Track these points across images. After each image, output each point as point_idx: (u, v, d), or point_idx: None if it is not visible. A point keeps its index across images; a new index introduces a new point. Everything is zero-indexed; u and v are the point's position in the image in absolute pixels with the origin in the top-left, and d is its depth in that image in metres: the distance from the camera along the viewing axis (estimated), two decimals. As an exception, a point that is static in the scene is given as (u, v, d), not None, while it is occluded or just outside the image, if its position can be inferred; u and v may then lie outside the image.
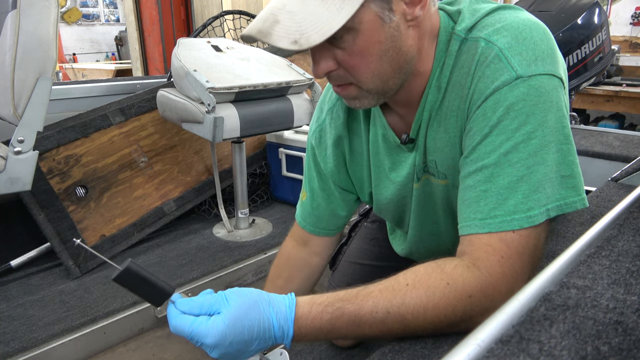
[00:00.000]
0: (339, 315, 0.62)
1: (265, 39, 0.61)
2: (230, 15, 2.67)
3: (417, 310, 0.60)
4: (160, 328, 1.64)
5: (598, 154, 1.69)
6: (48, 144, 1.82)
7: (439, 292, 0.60)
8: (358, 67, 0.67)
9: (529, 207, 0.62)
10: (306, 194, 1.00)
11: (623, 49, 4.13)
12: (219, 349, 0.59)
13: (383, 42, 0.66)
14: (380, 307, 0.61)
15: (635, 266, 0.58)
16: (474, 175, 0.66)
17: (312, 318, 0.62)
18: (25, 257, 1.83)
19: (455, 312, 0.60)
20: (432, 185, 0.81)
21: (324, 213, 0.98)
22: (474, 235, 0.64)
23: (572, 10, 1.96)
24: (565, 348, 0.41)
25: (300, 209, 1.01)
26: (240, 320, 0.60)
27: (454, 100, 0.72)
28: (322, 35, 0.60)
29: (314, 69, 0.69)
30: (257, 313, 0.61)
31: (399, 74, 0.70)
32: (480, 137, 0.66)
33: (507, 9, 0.72)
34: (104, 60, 7.42)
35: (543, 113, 0.63)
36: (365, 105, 0.74)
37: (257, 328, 0.60)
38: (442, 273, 0.62)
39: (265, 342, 0.62)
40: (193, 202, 2.23)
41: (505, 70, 0.64)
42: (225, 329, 0.59)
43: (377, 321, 0.61)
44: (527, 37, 0.66)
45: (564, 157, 0.64)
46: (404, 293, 0.61)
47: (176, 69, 1.81)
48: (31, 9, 1.31)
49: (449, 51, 0.72)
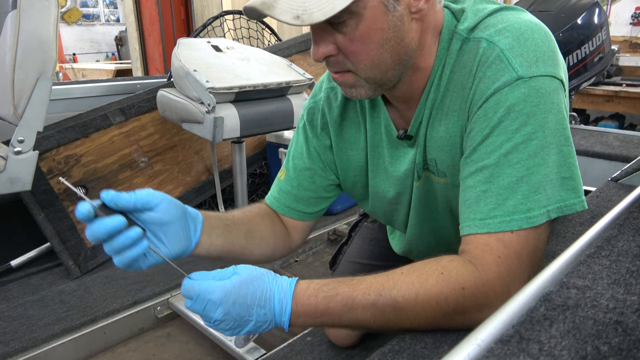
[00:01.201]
0: (333, 295, 0.64)
1: (267, 11, 0.62)
2: (230, 15, 2.67)
3: (409, 294, 0.62)
4: (160, 328, 1.64)
5: (598, 154, 1.69)
6: (48, 144, 1.82)
7: (432, 280, 0.62)
8: (358, 53, 0.67)
9: (529, 207, 0.62)
10: (285, 173, 0.94)
11: (623, 49, 4.13)
12: (223, 306, 0.62)
13: (385, 31, 0.66)
14: (372, 290, 0.63)
15: (635, 266, 0.58)
16: (474, 175, 0.66)
17: (309, 295, 0.65)
18: (25, 257, 1.83)
19: (448, 301, 0.61)
20: (432, 183, 0.81)
21: (304, 194, 0.92)
22: (473, 235, 0.64)
23: (572, 10, 1.96)
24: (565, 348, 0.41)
25: (275, 189, 0.94)
26: (246, 284, 0.64)
27: (455, 100, 0.72)
28: (324, 14, 0.60)
29: (313, 51, 0.69)
30: (262, 283, 0.65)
31: (398, 66, 0.70)
32: (480, 138, 0.66)
33: (510, 10, 0.73)
34: (104, 60, 7.42)
35: (544, 114, 0.63)
36: (362, 95, 0.73)
37: (260, 295, 0.64)
38: (437, 264, 0.64)
39: (264, 313, 0.64)
40: (193, 202, 2.23)
41: (507, 71, 0.64)
42: (231, 288, 0.63)
43: (369, 303, 0.63)
44: (529, 38, 0.66)
45: (564, 159, 0.65)
46: (397, 278, 0.63)
47: (176, 69, 1.81)
48: (31, 9, 1.31)
49: (450, 50, 0.72)
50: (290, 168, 0.93)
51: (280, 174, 0.95)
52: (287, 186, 0.93)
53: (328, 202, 0.96)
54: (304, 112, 0.93)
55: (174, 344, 1.56)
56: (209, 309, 0.63)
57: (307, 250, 2.16)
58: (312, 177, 0.92)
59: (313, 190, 0.93)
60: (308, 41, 2.73)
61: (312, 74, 2.21)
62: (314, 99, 0.92)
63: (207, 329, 1.49)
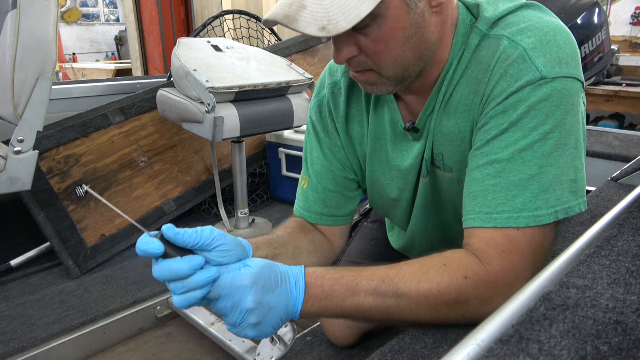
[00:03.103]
0: (339, 278, 0.65)
1: (291, 25, 0.60)
2: (230, 15, 2.67)
3: (411, 281, 0.63)
4: (160, 328, 1.64)
5: (598, 154, 1.69)
6: (48, 144, 1.82)
7: (435, 269, 0.63)
8: (381, 53, 0.67)
9: (537, 206, 0.62)
10: (307, 180, 0.92)
11: (623, 49, 4.12)
12: (255, 291, 0.59)
13: (407, 29, 0.65)
14: (376, 276, 0.64)
15: (635, 266, 0.58)
16: (484, 168, 0.66)
17: (316, 277, 0.65)
18: (25, 257, 1.83)
19: (450, 289, 0.61)
20: (438, 178, 0.81)
21: (332, 197, 0.91)
22: (478, 229, 0.65)
23: (572, 10, 1.96)
24: (565, 348, 0.41)
25: (301, 199, 0.93)
26: (266, 269, 0.62)
27: (467, 95, 0.72)
28: (349, 22, 0.59)
29: (335, 55, 0.68)
30: (276, 267, 0.64)
31: (419, 61, 0.70)
32: (497, 132, 0.66)
33: (531, 8, 0.72)
34: (104, 60, 7.42)
35: (563, 115, 0.64)
36: (383, 92, 0.73)
37: (279, 278, 0.63)
38: (440, 257, 0.65)
39: (285, 296, 0.62)
40: (193, 202, 2.23)
41: (530, 71, 0.64)
42: (257, 272, 0.61)
43: (372, 289, 0.63)
44: (552, 40, 0.66)
45: (575, 161, 0.65)
46: (401, 267, 0.65)
47: (176, 69, 1.81)
48: (31, 9, 1.31)
49: (468, 44, 0.72)
50: (312, 175, 0.92)
51: (303, 182, 0.94)
52: (313, 193, 0.92)
53: (355, 202, 0.96)
54: (311, 113, 0.93)
55: (174, 343, 1.56)
56: (242, 298, 0.59)
57: (307, 250, 2.16)
58: (334, 178, 0.91)
59: (339, 192, 0.92)
60: (308, 41, 2.72)
61: (312, 74, 2.21)
62: (318, 97, 0.92)
63: (207, 329, 1.49)
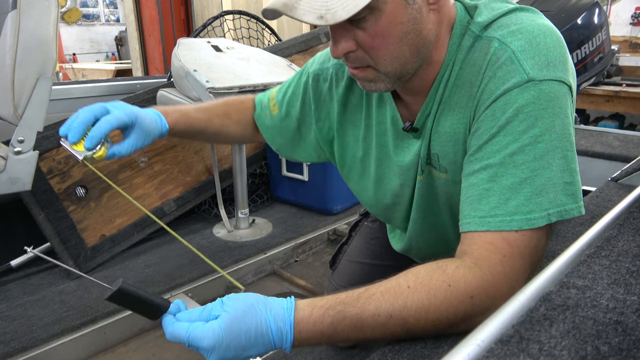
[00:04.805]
0: (341, 319, 0.60)
1: (289, 13, 0.61)
2: (230, 15, 2.67)
3: (419, 313, 0.60)
4: (160, 328, 1.64)
5: (598, 154, 1.69)
6: (48, 144, 1.82)
7: (441, 295, 0.60)
8: (378, 48, 0.67)
9: (530, 209, 0.62)
10: (278, 110, 0.99)
11: (623, 49, 4.13)
12: (216, 353, 0.59)
13: (405, 24, 0.66)
14: (382, 311, 0.60)
15: (635, 266, 0.58)
16: (478, 173, 0.66)
17: (314, 322, 0.60)
18: (25, 257, 1.83)
19: (457, 313, 0.60)
20: (434, 178, 0.81)
21: (287, 136, 1.00)
22: (475, 233, 0.64)
23: (572, 10, 1.96)
24: (565, 348, 0.41)
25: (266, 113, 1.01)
26: (237, 323, 0.59)
27: (462, 97, 0.72)
28: (347, 12, 0.60)
29: (332, 49, 0.69)
30: (254, 316, 0.60)
31: (416, 58, 0.70)
32: (487, 137, 0.66)
33: (525, 11, 0.73)
34: (104, 60, 7.41)
35: (551, 118, 0.64)
36: (381, 89, 0.73)
37: (255, 332, 0.59)
38: (444, 275, 0.61)
39: (264, 347, 0.61)
40: (193, 202, 2.23)
41: (517, 73, 0.64)
42: (221, 332, 0.58)
43: (379, 325, 0.61)
44: (541, 42, 0.66)
45: (567, 164, 0.65)
46: (406, 296, 0.60)
47: (176, 69, 1.81)
48: (31, 9, 1.31)
49: (461, 46, 0.72)
50: (283, 107, 0.99)
51: (273, 107, 1.00)
52: (274, 122, 1.00)
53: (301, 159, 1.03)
54: (309, 76, 0.94)
55: (174, 344, 1.55)
56: (203, 354, 0.60)
57: (307, 250, 2.16)
58: (301, 138, 0.99)
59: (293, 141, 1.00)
60: (308, 41, 2.72)
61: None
62: (321, 66, 0.92)
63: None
